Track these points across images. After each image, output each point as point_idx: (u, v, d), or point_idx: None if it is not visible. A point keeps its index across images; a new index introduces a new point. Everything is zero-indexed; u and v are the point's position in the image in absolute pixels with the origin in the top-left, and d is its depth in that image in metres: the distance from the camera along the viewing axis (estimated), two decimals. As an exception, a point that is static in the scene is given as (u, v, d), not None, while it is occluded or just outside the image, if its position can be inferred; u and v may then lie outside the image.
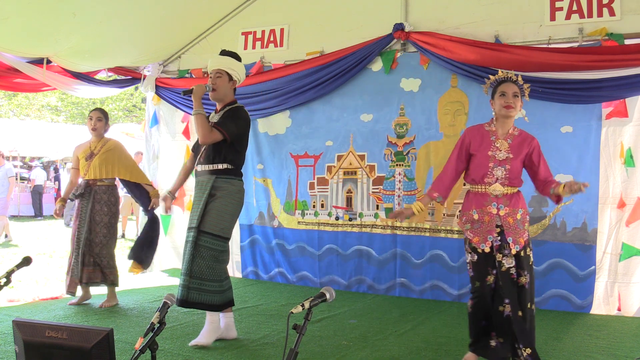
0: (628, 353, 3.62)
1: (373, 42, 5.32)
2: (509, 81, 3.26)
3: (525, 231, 3.24)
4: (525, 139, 3.30)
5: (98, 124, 4.80)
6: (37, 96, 21.54)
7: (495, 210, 3.22)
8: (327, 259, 5.66)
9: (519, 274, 3.19)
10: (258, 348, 3.68)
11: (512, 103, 3.21)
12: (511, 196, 3.24)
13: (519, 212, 3.23)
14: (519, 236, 3.21)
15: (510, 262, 3.18)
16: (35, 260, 3.51)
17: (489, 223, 3.22)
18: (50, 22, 4.93)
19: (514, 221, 3.21)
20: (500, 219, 3.21)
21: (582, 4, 4.61)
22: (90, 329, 1.98)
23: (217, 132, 3.63)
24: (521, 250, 3.20)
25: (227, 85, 3.79)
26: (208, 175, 3.71)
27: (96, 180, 4.73)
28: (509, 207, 3.22)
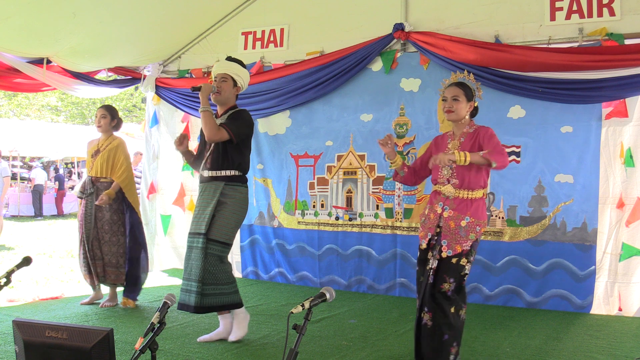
0: (628, 353, 3.63)
1: (373, 42, 5.32)
2: (452, 85, 3.33)
3: (468, 240, 3.15)
4: (477, 133, 3.27)
5: (102, 121, 4.79)
6: (37, 96, 21.55)
7: (440, 210, 3.24)
8: (327, 259, 5.66)
9: (442, 279, 3.13)
10: (258, 348, 3.68)
11: (451, 107, 3.26)
12: (462, 201, 3.20)
13: (465, 219, 3.17)
14: (457, 243, 3.15)
15: (432, 265, 3.17)
16: (35, 260, 3.51)
17: (433, 221, 3.26)
18: (50, 22, 4.94)
19: (455, 226, 3.17)
20: (442, 220, 3.22)
21: (582, 4, 4.61)
22: (90, 329, 1.99)
23: (224, 131, 3.65)
24: (453, 257, 3.14)
25: (232, 90, 3.85)
26: (216, 182, 3.74)
27: (99, 178, 4.74)
28: (455, 211, 3.19)
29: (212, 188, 3.74)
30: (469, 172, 3.20)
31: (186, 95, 6.23)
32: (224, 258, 3.75)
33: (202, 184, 3.86)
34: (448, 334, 3.12)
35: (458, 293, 3.17)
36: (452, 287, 3.13)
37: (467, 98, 3.29)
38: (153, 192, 6.69)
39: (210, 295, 3.65)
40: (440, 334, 3.13)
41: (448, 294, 3.13)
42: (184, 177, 6.47)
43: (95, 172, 4.74)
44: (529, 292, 4.82)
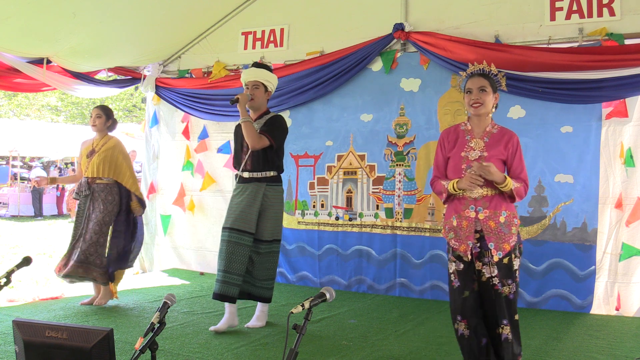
0: (628, 353, 3.62)
1: (373, 42, 5.32)
2: (476, 75, 3.04)
3: (512, 235, 2.95)
4: (503, 136, 3.03)
5: (97, 121, 4.78)
6: (37, 96, 21.55)
7: (473, 214, 2.97)
8: (327, 259, 5.65)
9: (502, 283, 2.91)
10: (258, 348, 3.68)
11: (479, 99, 2.98)
12: (492, 197, 2.96)
13: (502, 215, 2.94)
14: (503, 241, 2.92)
15: (491, 271, 2.93)
16: (35, 260, 3.51)
17: (468, 228, 2.97)
18: (50, 22, 4.94)
19: (496, 225, 2.93)
20: (480, 223, 2.96)
21: (582, 4, 4.61)
22: (90, 329, 1.99)
23: (265, 138, 3.93)
24: (505, 257, 2.92)
25: (264, 96, 4.09)
26: (258, 183, 4.01)
27: (95, 179, 4.71)
28: (489, 210, 2.94)
29: (254, 189, 4.01)
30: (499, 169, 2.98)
31: (186, 95, 6.24)
32: (277, 253, 4.17)
33: (241, 184, 4.09)
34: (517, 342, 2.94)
35: (516, 294, 2.96)
36: (513, 289, 2.92)
37: (493, 89, 3.02)
38: (153, 192, 6.69)
39: (260, 287, 4.10)
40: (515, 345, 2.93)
41: (510, 297, 2.92)
42: (184, 177, 6.47)
43: (91, 173, 4.71)
44: (529, 292, 4.82)
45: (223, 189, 6.28)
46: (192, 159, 6.41)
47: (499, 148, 3.00)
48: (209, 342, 3.80)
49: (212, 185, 6.30)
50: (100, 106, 4.91)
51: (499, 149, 3.00)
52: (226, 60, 6.15)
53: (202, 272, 6.29)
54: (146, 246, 6.73)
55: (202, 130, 6.35)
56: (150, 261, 6.71)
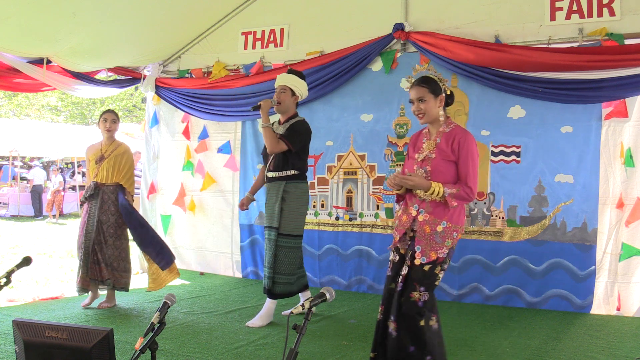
0: (628, 353, 3.63)
1: (373, 42, 5.33)
2: (415, 85, 3.05)
3: (444, 247, 2.89)
4: (451, 135, 2.96)
5: (113, 126, 4.81)
6: (37, 96, 21.55)
7: (414, 213, 2.96)
8: (327, 259, 5.66)
9: (412, 287, 2.87)
10: (258, 348, 3.68)
11: (420, 110, 2.99)
12: (439, 204, 2.91)
13: (442, 225, 2.89)
14: (432, 249, 2.88)
15: (403, 270, 2.93)
16: (35, 260, 3.51)
17: (404, 223, 3.00)
18: (50, 22, 4.94)
19: (431, 231, 2.89)
20: (417, 224, 2.95)
21: (582, 4, 4.61)
22: (90, 329, 1.98)
23: (283, 143, 4.17)
24: (427, 264, 2.87)
25: (290, 100, 4.32)
26: (279, 182, 4.27)
27: (104, 183, 4.75)
28: (430, 215, 2.91)
29: (276, 187, 4.27)
30: (446, 174, 2.93)
31: (186, 95, 6.24)
32: (295, 249, 4.31)
33: (267, 184, 4.40)
34: (415, 347, 2.86)
35: (429, 304, 2.89)
36: (423, 296, 2.87)
37: (434, 94, 2.99)
38: (153, 192, 6.69)
39: (281, 283, 4.23)
40: (405, 346, 2.87)
41: (418, 304, 2.86)
42: (185, 177, 6.47)
43: (101, 179, 4.74)
44: (529, 292, 4.82)
45: (223, 189, 6.28)
46: (193, 159, 6.42)
47: (447, 150, 2.95)
48: (209, 342, 3.80)
49: (213, 185, 6.30)
50: (112, 111, 4.95)
51: (447, 150, 2.95)
52: (226, 60, 6.15)
53: (202, 272, 6.29)
54: (146, 246, 6.73)
55: (202, 130, 6.35)
56: (150, 261, 6.69)
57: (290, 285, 4.30)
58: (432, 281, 2.91)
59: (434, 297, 2.95)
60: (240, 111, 5.96)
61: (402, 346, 2.88)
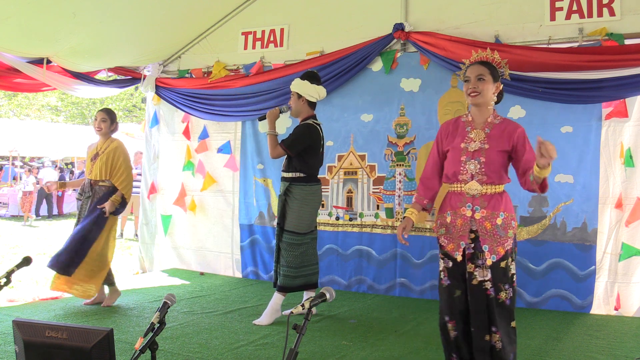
0: (628, 353, 3.62)
1: (373, 42, 5.32)
2: (476, 63, 2.89)
3: (508, 239, 2.79)
4: (506, 128, 2.86)
5: (102, 125, 4.80)
6: (37, 96, 21.57)
7: (469, 213, 2.81)
8: (327, 259, 5.65)
9: (498, 288, 2.76)
10: (258, 348, 3.68)
11: (476, 88, 2.82)
12: (491, 197, 2.80)
13: (500, 216, 2.78)
14: (498, 244, 2.77)
15: (484, 275, 2.77)
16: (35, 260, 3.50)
17: (462, 227, 2.82)
18: (50, 22, 4.93)
19: (492, 226, 2.77)
20: (476, 223, 2.81)
21: (582, 4, 4.61)
22: (90, 329, 1.98)
23: (280, 149, 4.33)
24: (499, 260, 2.77)
25: (298, 103, 4.45)
26: (284, 182, 4.43)
27: (97, 181, 4.74)
28: (487, 210, 2.78)
29: (283, 186, 4.43)
30: (499, 165, 2.81)
31: (186, 95, 6.24)
32: (295, 245, 4.36)
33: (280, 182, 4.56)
34: (512, 352, 2.78)
35: (512, 300, 2.78)
36: (510, 294, 2.76)
37: (494, 78, 2.85)
38: (153, 192, 6.69)
39: (283, 275, 4.33)
40: (507, 354, 2.76)
41: (507, 303, 2.75)
42: (185, 177, 6.47)
43: (94, 176, 4.74)
44: (529, 292, 4.82)
45: (224, 189, 6.28)
46: (193, 159, 6.41)
47: (501, 139, 2.84)
48: (209, 342, 3.80)
49: (213, 185, 6.30)
50: (104, 110, 4.92)
51: (502, 140, 2.84)
52: (226, 60, 6.15)
53: (202, 272, 6.29)
54: (146, 246, 6.74)
55: (203, 130, 6.35)
56: (150, 261, 6.71)
57: (292, 279, 4.34)
58: (509, 276, 2.79)
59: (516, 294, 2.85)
60: (240, 111, 5.96)
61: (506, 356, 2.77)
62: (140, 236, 6.88)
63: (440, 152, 3.01)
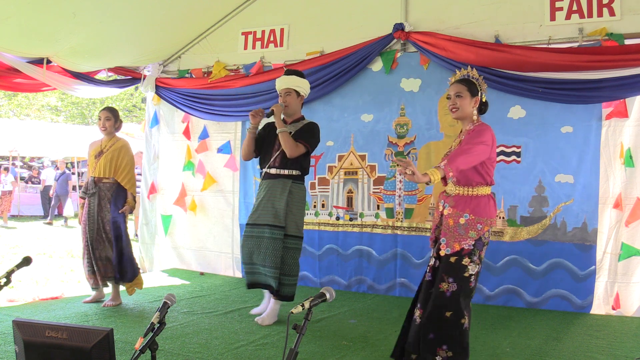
0: (628, 353, 3.63)
1: (373, 42, 5.33)
2: (455, 82, 3.19)
3: (468, 238, 3.00)
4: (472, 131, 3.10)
5: (107, 124, 4.81)
6: (37, 96, 21.55)
7: (441, 208, 3.17)
8: (328, 259, 5.66)
9: (441, 278, 3.00)
10: (258, 348, 3.68)
11: (455, 104, 3.13)
12: (461, 197, 3.07)
13: (464, 216, 3.03)
14: (455, 241, 3.01)
15: (431, 262, 3.12)
16: (35, 260, 3.50)
17: (436, 219, 3.21)
18: (50, 22, 4.93)
19: (455, 224, 3.04)
20: (443, 219, 3.13)
21: (582, 4, 4.61)
22: (90, 329, 1.98)
23: (302, 146, 4.16)
24: (452, 255, 3.00)
25: (296, 101, 4.29)
26: (284, 179, 4.20)
27: (102, 178, 4.75)
28: (453, 209, 3.07)
29: (281, 185, 4.19)
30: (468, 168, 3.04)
31: (186, 95, 6.24)
32: (299, 250, 4.25)
33: (267, 180, 4.29)
34: (434, 334, 2.98)
35: (459, 297, 2.98)
36: (452, 287, 2.98)
37: (472, 93, 3.14)
38: (153, 192, 6.69)
39: (287, 285, 4.17)
40: (425, 332, 3.00)
41: (447, 294, 2.98)
42: (185, 178, 6.48)
43: (98, 173, 4.75)
44: (529, 292, 4.83)
45: (224, 189, 6.28)
46: (194, 159, 6.42)
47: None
48: (209, 342, 3.80)
49: (213, 185, 6.30)
50: (108, 108, 4.92)
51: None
52: (226, 60, 6.16)
53: (202, 272, 6.29)
54: (146, 246, 6.74)
55: (203, 130, 6.35)
56: (150, 261, 6.71)
57: (294, 288, 4.25)
58: (460, 272, 3.00)
59: (470, 295, 3.06)
60: (240, 111, 5.96)
61: (424, 332, 3.02)
62: (140, 236, 6.88)
63: None
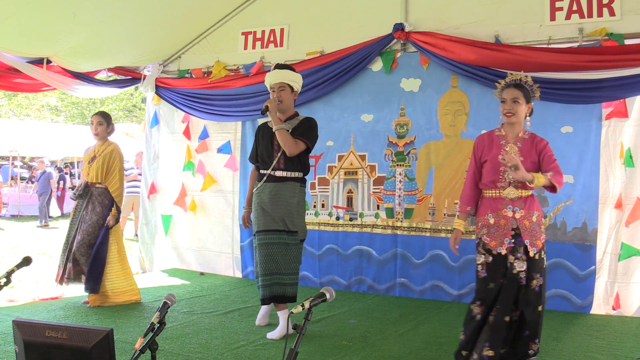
0: (628, 353, 3.63)
1: (373, 42, 5.32)
2: (511, 86, 3.30)
3: (542, 234, 3.25)
4: (534, 141, 3.31)
5: (99, 128, 4.85)
6: (37, 96, 21.56)
7: (511, 214, 3.23)
8: (328, 259, 5.65)
9: (531, 277, 3.17)
10: (258, 348, 3.68)
11: (511, 109, 3.25)
12: (526, 199, 3.25)
13: (535, 215, 3.24)
14: (536, 239, 3.21)
15: (521, 266, 3.18)
16: (35, 260, 3.50)
17: (505, 226, 3.23)
18: (50, 22, 4.94)
19: (530, 224, 3.22)
20: (517, 222, 3.23)
21: (582, 4, 4.61)
22: (90, 329, 1.98)
23: (302, 142, 3.94)
24: (537, 253, 3.20)
25: (290, 97, 4.05)
26: (293, 183, 3.97)
27: (94, 183, 4.79)
28: (524, 210, 3.23)
29: (290, 188, 3.96)
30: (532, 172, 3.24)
31: (186, 95, 6.24)
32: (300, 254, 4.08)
33: (270, 183, 3.97)
34: (530, 330, 3.17)
35: (542, 287, 3.19)
36: (540, 282, 3.17)
37: (526, 100, 3.27)
38: (153, 192, 6.69)
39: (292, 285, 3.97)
40: (521, 329, 3.18)
41: (537, 289, 3.16)
42: (185, 178, 6.47)
43: (91, 178, 4.80)
44: (529, 292, 4.82)
45: (224, 189, 6.28)
46: (194, 159, 6.42)
47: (531, 152, 3.27)
48: (209, 342, 3.80)
49: (213, 185, 6.30)
50: (100, 113, 4.96)
51: (532, 153, 3.27)
52: (226, 60, 6.16)
53: (202, 272, 6.29)
54: (146, 246, 6.74)
55: (203, 130, 6.35)
56: (150, 261, 6.71)
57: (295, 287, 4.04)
58: (542, 266, 3.23)
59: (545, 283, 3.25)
60: (240, 111, 5.96)
61: (520, 330, 3.17)
62: (140, 236, 6.88)
63: (478, 163, 3.40)
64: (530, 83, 3.32)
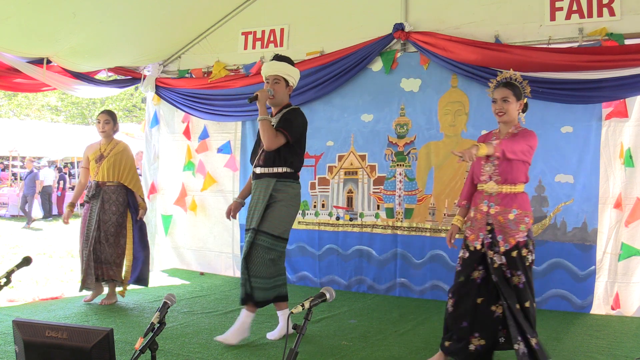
0: (628, 353, 3.63)
1: (373, 42, 5.32)
2: (500, 85, 3.31)
3: (519, 232, 3.19)
4: (518, 134, 3.26)
5: (106, 127, 4.86)
6: (37, 96, 21.56)
7: (486, 209, 3.25)
8: (328, 259, 5.66)
9: (511, 273, 3.17)
10: (258, 348, 3.69)
11: (502, 109, 3.25)
12: (505, 195, 3.22)
13: (512, 212, 3.20)
14: (509, 236, 3.18)
15: (500, 259, 3.18)
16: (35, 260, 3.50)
17: (481, 221, 3.26)
18: (50, 22, 4.93)
19: (505, 220, 3.19)
20: (491, 217, 3.23)
21: (582, 4, 4.61)
22: (90, 329, 1.98)
23: (282, 136, 3.69)
24: (511, 250, 3.17)
25: (285, 91, 3.85)
26: (268, 179, 3.76)
27: (105, 182, 4.79)
28: (500, 206, 3.21)
29: (265, 184, 3.76)
30: (511, 168, 3.20)
31: (186, 95, 6.24)
32: (273, 251, 3.74)
33: (254, 180, 3.87)
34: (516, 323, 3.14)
35: (529, 285, 3.17)
36: (522, 279, 3.15)
37: (517, 97, 3.27)
38: (154, 192, 6.69)
39: (258, 288, 3.70)
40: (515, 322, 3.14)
41: (519, 286, 3.15)
42: (186, 178, 6.47)
43: (102, 177, 4.79)
44: (529, 292, 4.82)
45: (224, 189, 6.28)
46: (194, 159, 6.42)
47: None
48: (209, 342, 3.80)
49: (213, 185, 6.30)
50: (106, 111, 4.98)
51: None
52: (226, 60, 6.15)
53: (202, 272, 6.29)
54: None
55: (203, 130, 6.35)
56: (150, 261, 6.69)
57: (266, 292, 3.74)
58: (523, 263, 3.17)
59: (532, 282, 3.22)
60: (240, 111, 5.96)
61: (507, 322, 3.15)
62: (140, 236, 6.87)
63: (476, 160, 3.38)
64: (520, 80, 3.31)
